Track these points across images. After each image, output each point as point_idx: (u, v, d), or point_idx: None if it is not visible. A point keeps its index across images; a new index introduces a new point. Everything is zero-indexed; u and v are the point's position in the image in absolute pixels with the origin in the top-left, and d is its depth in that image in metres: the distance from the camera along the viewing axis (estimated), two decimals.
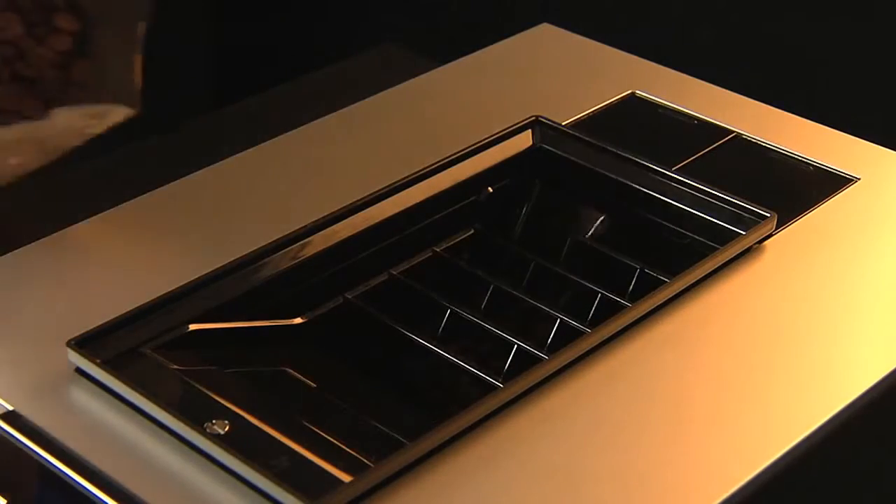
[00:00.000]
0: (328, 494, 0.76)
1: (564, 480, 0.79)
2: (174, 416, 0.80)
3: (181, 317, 0.89)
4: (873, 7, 1.40)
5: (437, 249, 1.00)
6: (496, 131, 1.05)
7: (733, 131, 1.10)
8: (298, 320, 0.92)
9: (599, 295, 0.95)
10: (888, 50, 1.40)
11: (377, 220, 0.96)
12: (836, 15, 1.42)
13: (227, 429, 0.81)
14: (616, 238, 1.01)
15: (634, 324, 0.89)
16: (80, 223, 1.00)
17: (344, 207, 0.97)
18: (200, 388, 0.84)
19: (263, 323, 0.91)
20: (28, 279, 0.95)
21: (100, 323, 0.86)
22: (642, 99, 1.15)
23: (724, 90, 1.16)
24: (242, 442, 0.80)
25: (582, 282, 0.97)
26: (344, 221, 0.96)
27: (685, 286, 0.92)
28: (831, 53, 1.43)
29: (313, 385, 0.90)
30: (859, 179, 1.05)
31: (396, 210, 0.98)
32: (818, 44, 1.44)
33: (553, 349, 0.89)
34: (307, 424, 0.85)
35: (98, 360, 0.83)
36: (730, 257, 0.95)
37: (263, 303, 0.92)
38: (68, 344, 0.84)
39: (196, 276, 0.90)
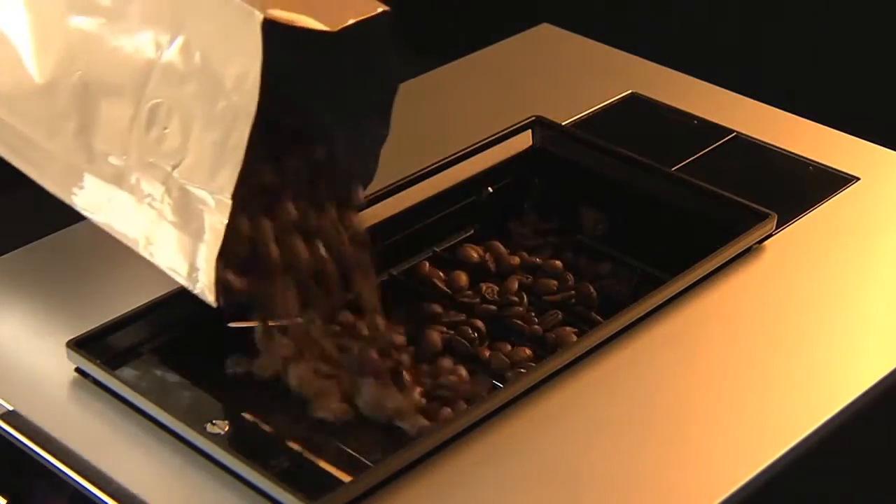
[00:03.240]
0: (328, 494, 0.76)
1: (564, 480, 0.79)
2: (174, 416, 0.80)
3: (181, 317, 0.89)
4: (873, 7, 1.40)
5: (437, 249, 1.00)
6: (496, 131, 1.05)
7: (733, 131, 1.10)
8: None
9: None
10: (889, 50, 1.40)
11: (377, 220, 0.96)
12: (836, 15, 1.42)
13: (227, 429, 0.81)
14: (616, 238, 1.01)
15: (634, 324, 0.89)
16: (79, 223, 1.00)
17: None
18: (200, 388, 0.84)
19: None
20: (28, 279, 0.95)
21: (100, 323, 0.86)
22: (642, 99, 1.15)
23: (724, 90, 1.17)
24: (242, 442, 0.80)
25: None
26: None
27: (685, 286, 0.92)
28: (831, 53, 1.43)
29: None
30: (859, 179, 1.05)
31: (396, 210, 0.98)
32: (818, 44, 1.44)
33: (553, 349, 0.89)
34: (307, 425, 0.85)
35: (98, 360, 0.83)
36: (730, 257, 0.95)
37: None
38: (68, 344, 0.84)
39: None
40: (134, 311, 0.87)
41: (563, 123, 1.09)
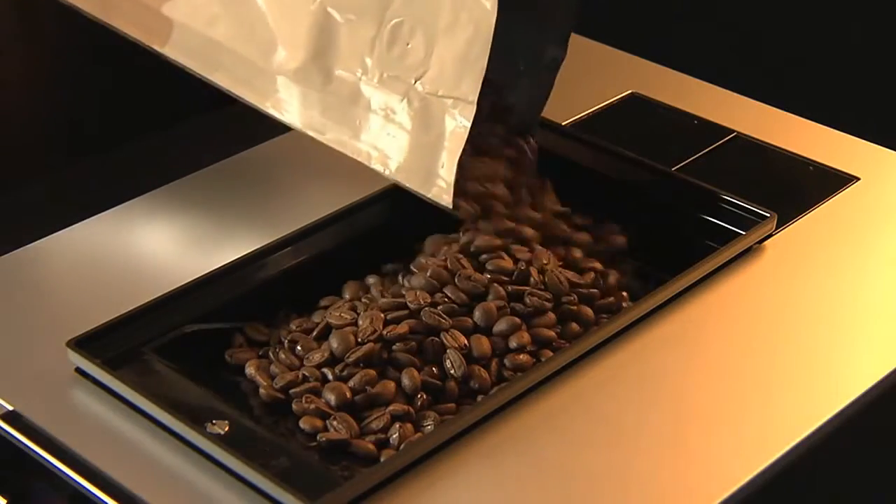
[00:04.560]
0: (328, 494, 0.76)
1: (565, 480, 0.79)
2: (174, 416, 0.80)
3: (181, 317, 0.89)
4: (873, 7, 1.40)
5: None
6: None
7: (733, 131, 1.10)
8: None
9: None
10: (888, 50, 1.41)
11: (378, 221, 0.96)
12: (836, 15, 1.42)
13: (227, 429, 0.81)
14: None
15: (634, 324, 0.89)
16: (79, 223, 1.00)
17: (344, 208, 0.97)
18: (200, 388, 0.84)
19: (263, 323, 0.91)
20: (28, 279, 0.95)
21: (100, 323, 0.86)
22: (642, 99, 1.15)
23: (724, 90, 1.17)
24: (242, 442, 0.80)
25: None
26: (344, 222, 0.96)
27: (685, 286, 0.92)
28: (831, 53, 1.43)
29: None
30: (859, 179, 1.05)
31: (396, 210, 0.98)
32: (818, 44, 1.44)
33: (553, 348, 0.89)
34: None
35: (98, 360, 0.84)
36: (730, 257, 0.95)
37: (263, 303, 0.92)
38: (68, 344, 0.84)
39: (196, 277, 0.90)
40: (134, 310, 0.87)
41: (563, 123, 1.09)
